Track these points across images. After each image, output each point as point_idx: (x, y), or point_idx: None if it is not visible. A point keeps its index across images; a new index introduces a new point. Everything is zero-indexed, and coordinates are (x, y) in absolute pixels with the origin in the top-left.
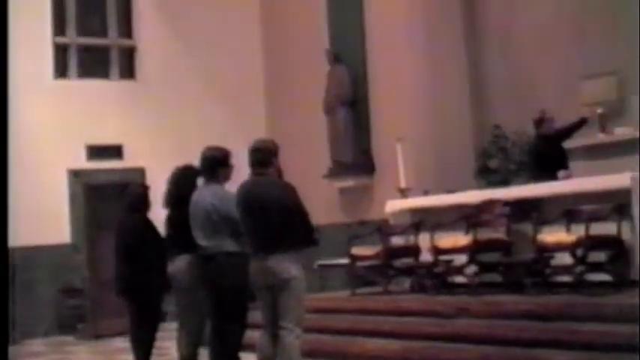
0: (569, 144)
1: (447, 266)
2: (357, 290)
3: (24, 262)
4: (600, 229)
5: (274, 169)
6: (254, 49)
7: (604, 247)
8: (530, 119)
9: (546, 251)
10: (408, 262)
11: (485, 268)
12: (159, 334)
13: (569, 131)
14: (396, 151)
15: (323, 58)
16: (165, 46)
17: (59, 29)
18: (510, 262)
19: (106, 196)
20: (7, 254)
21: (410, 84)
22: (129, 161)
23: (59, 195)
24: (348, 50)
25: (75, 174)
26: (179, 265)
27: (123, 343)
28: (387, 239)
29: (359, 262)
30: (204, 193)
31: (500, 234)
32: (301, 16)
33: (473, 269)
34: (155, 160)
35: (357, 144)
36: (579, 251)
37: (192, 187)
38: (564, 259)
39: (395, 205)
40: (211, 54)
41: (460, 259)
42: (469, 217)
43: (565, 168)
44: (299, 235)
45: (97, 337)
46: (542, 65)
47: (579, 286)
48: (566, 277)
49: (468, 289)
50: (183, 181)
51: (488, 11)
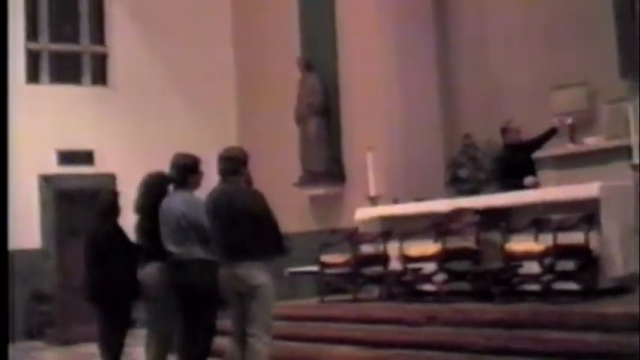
0: (538, 153)
1: (416, 274)
2: (327, 298)
3: None
4: (569, 238)
5: (243, 177)
6: (226, 56)
7: (572, 256)
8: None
9: (514, 260)
10: (377, 270)
11: (454, 276)
12: (128, 340)
13: (539, 141)
14: (367, 160)
15: (295, 66)
16: (137, 53)
17: (32, 35)
18: (479, 271)
19: (77, 202)
20: (6, 254)
21: (381, 93)
22: (100, 167)
23: (30, 200)
24: (319, 59)
25: (46, 179)
26: (149, 272)
27: (92, 348)
28: (356, 247)
29: (328, 270)
30: (173, 199)
31: (469, 242)
32: (273, 25)
33: (442, 277)
34: (126, 166)
35: (328, 152)
36: (547, 260)
37: (163, 194)
38: (532, 267)
39: (364, 214)
40: (183, 61)
41: (429, 267)
42: (438, 226)
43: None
44: (268, 243)
45: (66, 342)
46: (512, 75)
47: (547, 295)
48: (534, 286)
49: (436, 297)
50: (153, 188)
51: (459, 22)
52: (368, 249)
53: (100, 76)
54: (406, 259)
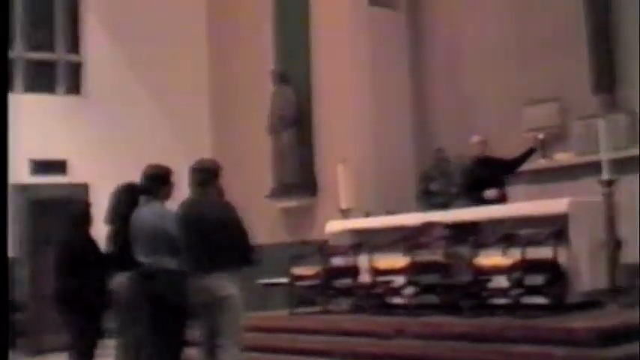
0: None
1: (386, 287)
2: (298, 310)
3: None
4: (537, 253)
5: (215, 189)
6: (200, 68)
7: (540, 270)
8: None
9: (483, 274)
10: (347, 282)
11: (423, 289)
12: (98, 350)
13: (518, 161)
14: (338, 173)
15: (268, 78)
16: (112, 63)
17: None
18: (448, 284)
19: (50, 211)
20: (6, 254)
21: (354, 106)
22: (73, 177)
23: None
24: (293, 72)
25: (19, 188)
26: (119, 282)
27: (63, 359)
28: (327, 260)
29: (299, 282)
30: (144, 210)
31: (439, 256)
32: (248, 37)
33: (411, 291)
34: (99, 176)
35: (300, 164)
36: (515, 275)
37: (134, 204)
38: (501, 282)
39: (335, 226)
40: (157, 72)
41: (399, 280)
42: (408, 239)
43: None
44: (237, 255)
45: (37, 352)
46: (485, 90)
47: (515, 309)
48: (503, 300)
49: (405, 310)
50: (125, 199)
51: (433, 37)
52: (339, 261)
53: (75, 86)
54: (376, 271)
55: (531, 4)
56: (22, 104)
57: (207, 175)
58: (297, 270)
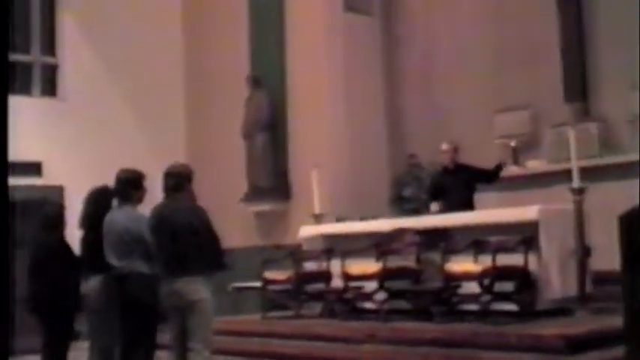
0: None
1: (357, 292)
2: (270, 314)
3: None
4: (508, 260)
5: (187, 193)
6: (175, 71)
7: (511, 277)
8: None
9: (454, 280)
10: (319, 287)
11: (395, 295)
12: (71, 353)
13: (490, 177)
14: (312, 178)
15: (243, 83)
16: (88, 65)
17: None
18: (419, 290)
19: (24, 214)
20: (7, 253)
21: (328, 111)
22: (48, 179)
23: None
24: (268, 77)
25: None
26: (92, 285)
27: None
28: (299, 264)
29: (271, 286)
30: (117, 214)
31: (410, 262)
32: (223, 42)
33: (382, 296)
34: (74, 179)
35: (274, 169)
36: (486, 281)
37: (107, 208)
38: (472, 288)
39: (308, 231)
40: (133, 75)
41: (370, 285)
42: (379, 245)
43: (466, 202)
44: (208, 259)
45: (10, 354)
46: (458, 97)
47: (485, 315)
48: (473, 306)
49: (377, 315)
50: (98, 202)
51: (407, 45)
52: (311, 266)
53: (50, 88)
54: (347, 277)
55: (505, 13)
56: None
57: (179, 180)
58: (270, 274)
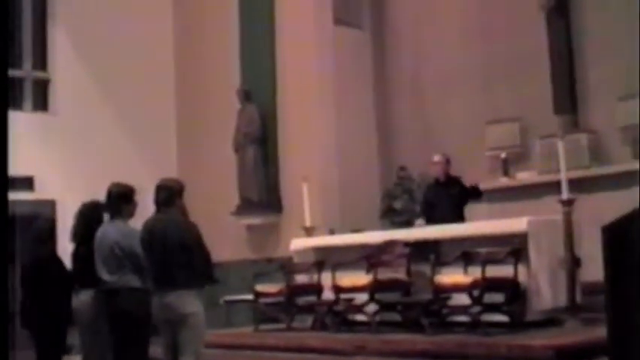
0: None
1: (348, 305)
2: (261, 326)
3: None
4: (498, 271)
5: (178, 208)
6: (166, 86)
7: (500, 288)
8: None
9: (444, 292)
10: (310, 299)
11: (385, 307)
12: None
13: (466, 192)
14: (303, 190)
15: (234, 96)
16: (79, 80)
17: None
18: (409, 302)
19: (16, 228)
20: (7, 252)
21: (318, 124)
22: (40, 193)
23: None
24: (258, 90)
25: None
26: (83, 299)
27: None
28: (291, 277)
29: (263, 299)
30: (108, 228)
31: (400, 274)
32: (214, 56)
33: (373, 308)
34: (66, 193)
35: (265, 182)
36: (476, 292)
37: (99, 222)
38: (462, 299)
39: (298, 244)
40: (125, 89)
41: (361, 297)
42: (370, 257)
43: (458, 214)
44: (198, 273)
45: None
46: (448, 110)
47: (476, 326)
48: (463, 318)
49: (367, 327)
50: (89, 217)
51: (397, 58)
52: (302, 279)
53: (42, 102)
54: (338, 289)
55: (494, 26)
56: None
57: (170, 194)
58: (261, 287)
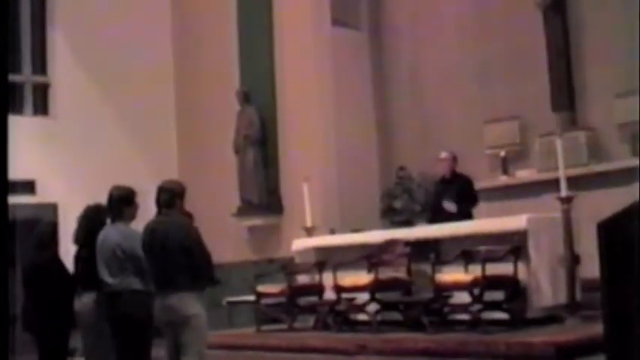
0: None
1: (349, 304)
2: (263, 327)
3: None
4: (498, 269)
5: (179, 210)
6: (167, 88)
7: (500, 286)
8: (435, 161)
9: (445, 290)
10: (311, 300)
11: (386, 306)
12: None
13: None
14: (303, 191)
15: (234, 98)
16: (79, 84)
17: None
18: (410, 301)
19: (18, 231)
20: (7, 251)
21: (318, 125)
22: (41, 197)
23: None
24: (258, 91)
25: None
26: (85, 302)
27: None
28: (292, 277)
29: (264, 300)
30: (110, 231)
31: (401, 273)
32: (213, 57)
33: (374, 307)
34: (68, 196)
35: (265, 183)
36: (476, 290)
37: (101, 225)
38: (462, 297)
39: (300, 244)
40: (125, 92)
41: (362, 297)
42: (371, 257)
43: (466, 213)
44: (199, 275)
45: None
46: (448, 109)
47: (476, 325)
48: (464, 316)
49: (369, 326)
50: (91, 220)
51: (396, 57)
52: (303, 279)
53: (42, 106)
54: (339, 289)
55: (492, 25)
56: None
57: (171, 196)
58: (263, 288)
